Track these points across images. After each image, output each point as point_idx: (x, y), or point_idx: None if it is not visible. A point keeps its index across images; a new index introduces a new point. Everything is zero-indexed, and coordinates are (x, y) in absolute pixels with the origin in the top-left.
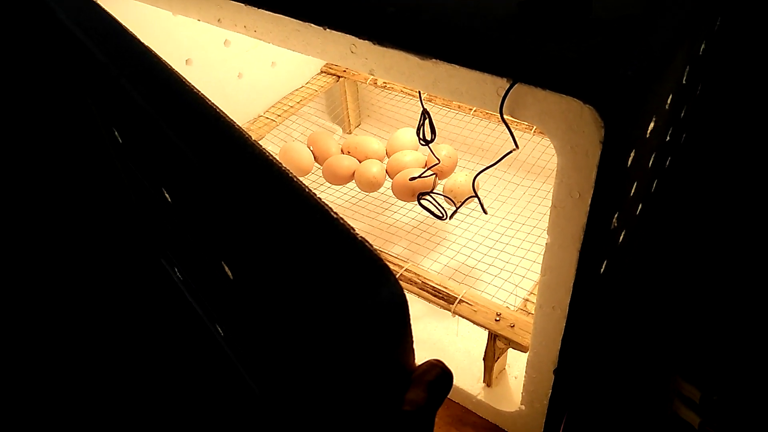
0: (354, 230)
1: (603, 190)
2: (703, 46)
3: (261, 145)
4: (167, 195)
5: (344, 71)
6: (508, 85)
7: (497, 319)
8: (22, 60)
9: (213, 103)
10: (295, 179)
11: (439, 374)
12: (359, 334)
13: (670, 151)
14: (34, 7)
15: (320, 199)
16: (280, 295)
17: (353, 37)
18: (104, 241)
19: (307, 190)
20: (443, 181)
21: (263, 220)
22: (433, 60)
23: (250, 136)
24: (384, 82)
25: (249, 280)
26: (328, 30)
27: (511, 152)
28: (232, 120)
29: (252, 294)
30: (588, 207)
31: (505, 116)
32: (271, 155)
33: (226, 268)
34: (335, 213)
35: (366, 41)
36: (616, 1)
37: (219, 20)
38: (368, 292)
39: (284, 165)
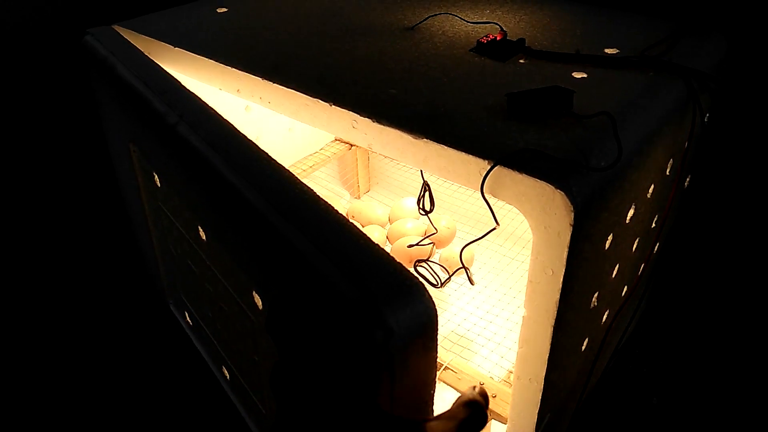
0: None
1: (575, 269)
2: (687, 140)
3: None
4: (203, 233)
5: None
6: (489, 167)
7: None
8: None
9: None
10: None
11: (473, 415)
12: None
13: (657, 238)
14: (95, 62)
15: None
16: (319, 314)
17: (355, 113)
18: (119, 286)
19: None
20: (441, 251)
21: (305, 246)
22: (424, 139)
23: (296, 177)
24: None
25: (281, 306)
26: (333, 106)
27: (493, 230)
28: (279, 163)
29: (282, 318)
30: (560, 284)
31: (486, 194)
32: (318, 195)
33: (256, 297)
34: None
35: (366, 118)
36: (598, 97)
37: (238, 90)
38: (415, 301)
39: None
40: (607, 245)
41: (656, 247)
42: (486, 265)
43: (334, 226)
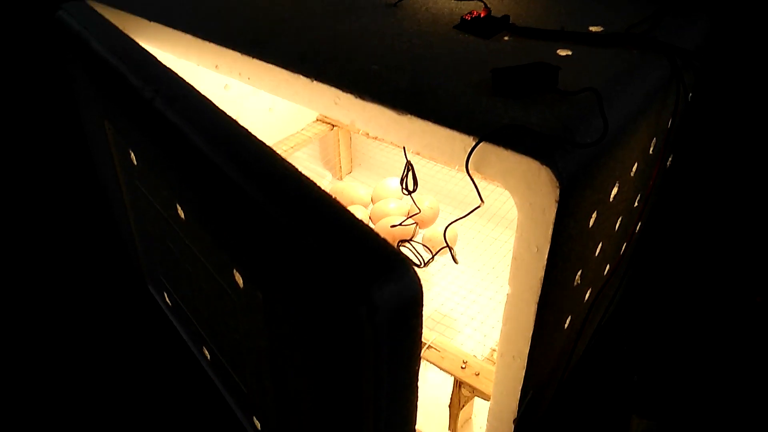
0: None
1: (559, 246)
2: (671, 119)
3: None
4: (181, 211)
5: (339, 120)
6: (474, 143)
7: (463, 366)
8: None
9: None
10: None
11: None
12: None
13: (640, 217)
14: (68, 38)
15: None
16: (303, 293)
17: (337, 90)
18: (96, 267)
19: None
20: (424, 231)
21: (288, 224)
22: (408, 115)
23: (279, 155)
24: None
25: (264, 283)
26: (315, 82)
27: (477, 207)
28: (259, 139)
29: (263, 296)
30: (545, 261)
31: (471, 172)
32: (300, 172)
33: (237, 276)
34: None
35: (349, 94)
36: (582, 74)
37: (216, 66)
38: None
39: None
40: (591, 223)
41: (638, 227)
42: (469, 246)
43: (318, 202)
